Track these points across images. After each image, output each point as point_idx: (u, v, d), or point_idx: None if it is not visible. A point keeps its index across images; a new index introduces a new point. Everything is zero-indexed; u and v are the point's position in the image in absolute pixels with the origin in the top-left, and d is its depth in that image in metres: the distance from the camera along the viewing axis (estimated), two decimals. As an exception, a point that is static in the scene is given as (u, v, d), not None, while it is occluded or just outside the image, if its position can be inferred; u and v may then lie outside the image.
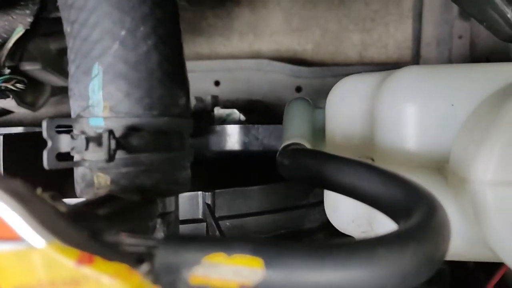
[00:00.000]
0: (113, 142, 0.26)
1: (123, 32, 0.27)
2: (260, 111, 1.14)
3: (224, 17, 1.23)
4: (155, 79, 0.27)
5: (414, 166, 0.32)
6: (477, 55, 0.73)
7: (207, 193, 0.41)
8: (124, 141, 0.27)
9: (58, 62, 0.58)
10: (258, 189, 0.44)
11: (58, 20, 0.29)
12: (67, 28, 0.28)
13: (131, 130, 0.27)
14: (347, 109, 0.39)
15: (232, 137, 0.60)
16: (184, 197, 0.41)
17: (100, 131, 0.27)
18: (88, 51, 0.27)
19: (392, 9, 1.20)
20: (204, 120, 0.72)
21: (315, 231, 0.47)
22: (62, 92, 0.70)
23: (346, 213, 0.38)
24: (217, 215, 0.42)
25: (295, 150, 0.34)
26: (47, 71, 0.57)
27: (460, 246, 0.32)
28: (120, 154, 0.27)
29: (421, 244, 0.19)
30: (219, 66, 1.09)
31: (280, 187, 0.45)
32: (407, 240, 0.19)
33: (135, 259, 0.18)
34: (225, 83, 1.10)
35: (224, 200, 0.42)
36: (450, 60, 1.03)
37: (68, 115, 0.29)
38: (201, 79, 1.10)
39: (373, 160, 0.36)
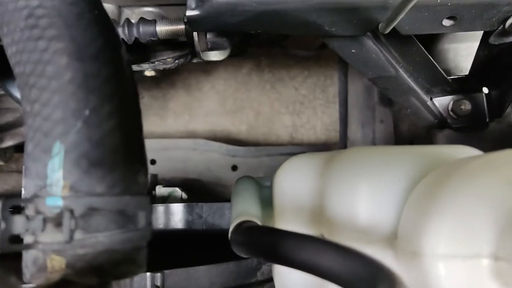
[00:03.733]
0: (72, 222, 0.25)
1: (87, 112, 0.27)
2: (197, 190, 1.13)
3: (159, 98, 1.26)
4: (118, 157, 0.28)
5: (365, 241, 0.34)
6: (401, 138, 0.80)
7: (156, 274, 0.40)
8: (83, 220, 0.27)
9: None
10: (207, 268, 0.43)
11: None
12: (26, 107, 0.28)
13: (91, 209, 0.27)
14: (295, 186, 0.40)
15: (176, 216, 0.59)
16: (132, 279, 0.39)
17: (57, 211, 0.26)
18: (49, 130, 0.27)
19: (318, 94, 1.29)
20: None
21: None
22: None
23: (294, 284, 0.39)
24: (166, 297, 0.40)
25: (250, 228, 0.34)
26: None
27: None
28: (78, 235, 0.26)
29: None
30: (155, 145, 1.09)
31: (229, 266, 0.45)
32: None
33: None
34: (161, 161, 1.10)
35: (173, 280, 0.41)
36: (373, 142, 1.11)
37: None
38: (136, 158, 1.07)
39: (323, 235, 0.37)
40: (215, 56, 0.58)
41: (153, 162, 1.09)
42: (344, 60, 0.50)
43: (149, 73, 0.80)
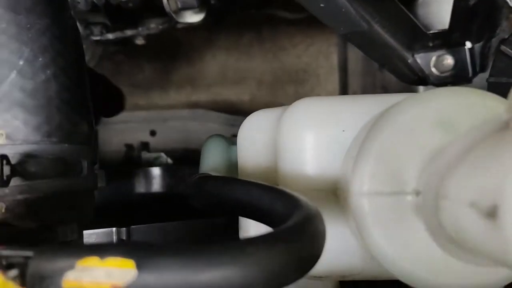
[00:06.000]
0: (7, 168, 0.26)
1: (21, 62, 0.28)
2: (197, 161, 1.15)
3: (161, 70, 1.26)
4: (53, 107, 0.28)
5: (312, 189, 0.34)
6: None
7: (122, 229, 0.41)
8: (21, 168, 0.28)
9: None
10: (175, 224, 0.44)
11: None
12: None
13: (28, 157, 0.28)
14: (254, 142, 0.41)
15: (158, 180, 0.60)
16: (99, 233, 0.41)
17: (-6, 159, 0.27)
18: (-16, 80, 0.28)
19: (322, 62, 1.28)
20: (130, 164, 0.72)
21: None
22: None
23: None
24: (133, 251, 0.41)
25: (198, 179, 0.35)
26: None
27: (358, 264, 0.34)
28: (16, 181, 0.27)
29: (289, 245, 0.20)
30: (154, 116, 1.10)
31: (198, 222, 0.46)
32: (275, 241, 0.20)
33: (4, 267, 0.18)
34: (161, 133, 1.11)
35: (139, 236, 0.42)
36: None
37: None
38: (136, 129, 1.09)
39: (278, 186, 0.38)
40: (190, 17, 0.58)
41: (153, 133, 1.10)
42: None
43: (139, 41, 0.80)
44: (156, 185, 0.59)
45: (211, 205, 0.32)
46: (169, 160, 0.68)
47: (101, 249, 0.19)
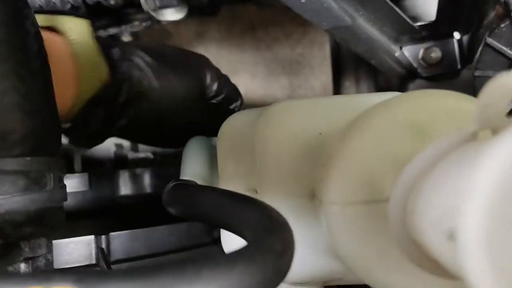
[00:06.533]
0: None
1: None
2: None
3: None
4: (14, 119, 0.27)
5: (289, 195, 0.33)
6: (379, 92, 0.78)
7: (101, 236, 0.41)
8: (-19, 184, 0.27)
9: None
10: (157, 229, 0.44)
11: None
12: None
13: (-12, 172, 0.27)
14: (233, 145, 0.40)
15: (144, 180, 0.59)
16: (78, 242, 0.40)
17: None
18: None
19: (316, 52, 1.26)
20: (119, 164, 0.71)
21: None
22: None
23: (239, 245, 0.38)
24: (113, 258, 0.41)
25: (174, 186, 0.34)
26: None
27: (339, 269, 0.33)
28: (-23, 198, 0.27)
29: (249, 266, 0.20)
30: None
31: (182, 227, 0.45)
32: (234, 263, 0.19)
33: None
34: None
35: (120, 242, 0.41)
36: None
37: None
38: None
39: (256, 191, 0.37)
40: (171, 15, 0.57)
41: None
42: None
43: (126, 38, 0.79)
44: (142, 186, 0.59)
45: (186, 214, 0.32)
46: (157, 158, 0.67)
47: (49, 278, 0.18)
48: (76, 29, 0.43)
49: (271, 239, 0.21)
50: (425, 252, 0.20)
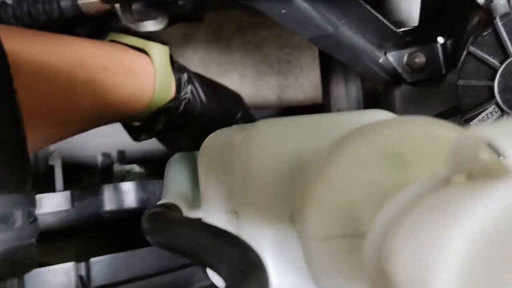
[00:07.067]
0: None
1: None
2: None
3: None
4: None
5: (272, 219, 0.32)
6: (366, 96, 0.77)
7: (80, 263, 0.39)
8: None
9: None
10: (140, 252, 0.43)
11: None
12: None
13: (-47, 213, 0.26)
14: (213, 162, 0.39)
15: (129, 195, 0.58)
16: (55, 271, 0.39)
17: None
18: None
19: (305, 51, 1.25)
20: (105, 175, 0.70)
21: (207, 289, 0.46)
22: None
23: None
24: (94, 285, 0.40)
25: (153, 213, 0.33)
26: None
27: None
28: None
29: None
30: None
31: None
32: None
33: None
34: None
35: (101, 268, 0.40)
36: (358, 98, 1.07)
37: None
38: (114, 132, 1.07)
39: (237, 213, 0.36)
40: (152, 26, 0.55)
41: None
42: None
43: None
44: (127, 201, 0.58)
45: (163, 247, 0.31)
46: (143, 170, 0.66)
47: None
48: (160, 53, 0.55)
49: (248, 284, 0.20)
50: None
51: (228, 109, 0.69)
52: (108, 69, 0.54)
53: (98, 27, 0.69)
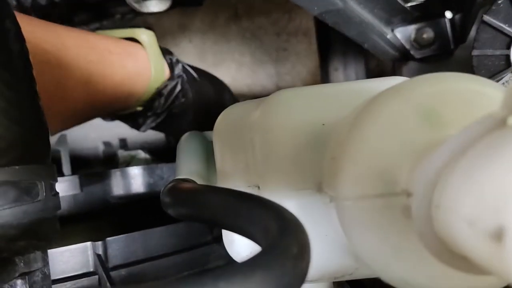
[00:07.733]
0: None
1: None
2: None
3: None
4: (1, 126, 0.25)
5: (294, 189, 0.32)
6: (370, 76, 0.77)
7: (97, 242, 0.39)
8: (-32, 198, 0.25)
9: None
10: (155, 231, 0.42)
11: None
12: None
13: (-25, 185, 0.25)
14: (230, 138, 0.38)
15: (136, 179, 0.57)
16: (73, 251, 0.38)
17: None
18: None
19: (301, 38, 1.24)
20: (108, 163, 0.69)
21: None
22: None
23: (242, 245, 0.37)
24: (111, 264, 0.39)
25: (174, 186, 0.32)
26: None
27: (350, 265, 0.32)
28: (-35, 213, 0.25)
29: (268, 273, 0.18)
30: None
31: (180, 227, 0.44)
32: (251, 271, 0.18)
33: None
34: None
35: (117, 247, 0.39)
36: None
37: None
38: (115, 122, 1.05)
39: (258, 187, 0.35)
40: (154, 6, 0.55)
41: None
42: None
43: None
44: (135, 186, 0.57)
45: (187, 216, 0.30)
46: (148, 156, 0.65)
47: None
48: (148, 37, 0.60)
49: (287, 243, 0.19)
50: (453, 248, 0.19)
51: (221, 88, 0.76)
52: (112, 52, 0.54)
53: (96, 14, 0.68)
